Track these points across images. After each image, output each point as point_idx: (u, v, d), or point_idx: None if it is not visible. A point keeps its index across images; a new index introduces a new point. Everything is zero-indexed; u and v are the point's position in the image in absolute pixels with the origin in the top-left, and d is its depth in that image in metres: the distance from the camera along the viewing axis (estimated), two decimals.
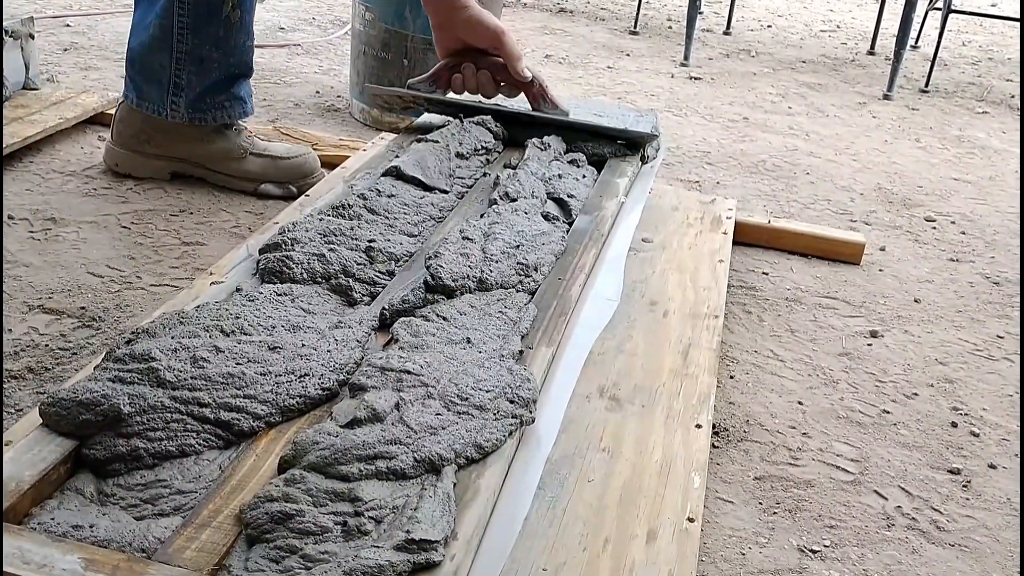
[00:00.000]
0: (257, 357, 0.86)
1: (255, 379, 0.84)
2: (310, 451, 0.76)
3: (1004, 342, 1.52)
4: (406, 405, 0.83)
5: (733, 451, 1.17)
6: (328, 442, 0.77)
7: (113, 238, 1.49)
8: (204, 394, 0.81)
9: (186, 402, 0.80)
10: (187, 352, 0.84)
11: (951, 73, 3.46)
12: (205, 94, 1.67)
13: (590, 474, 0.98)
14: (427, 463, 0.77)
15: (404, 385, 0.86)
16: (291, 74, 2.52)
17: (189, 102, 1.66)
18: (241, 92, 1.71)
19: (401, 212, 1.22)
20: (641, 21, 3.69)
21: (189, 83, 1.65)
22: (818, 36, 3.93)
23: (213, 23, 1.62)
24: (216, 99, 1.68)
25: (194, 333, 0.88)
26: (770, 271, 1.67)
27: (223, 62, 1.66)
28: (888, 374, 1.39)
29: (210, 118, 1.68)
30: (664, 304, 1.35)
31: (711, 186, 2.07)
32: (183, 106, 1.67)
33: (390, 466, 0.76)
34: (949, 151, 2.54)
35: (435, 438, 0.79)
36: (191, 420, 0.79)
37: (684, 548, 0.89)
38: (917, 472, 1.17)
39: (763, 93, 2.94)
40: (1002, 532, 1.09)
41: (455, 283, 1.04)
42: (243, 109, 1.72)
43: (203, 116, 1.68)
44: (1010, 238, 1.96)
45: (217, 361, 0.84)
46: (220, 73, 1.67)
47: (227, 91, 1.69)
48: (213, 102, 1.68)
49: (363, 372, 0.88)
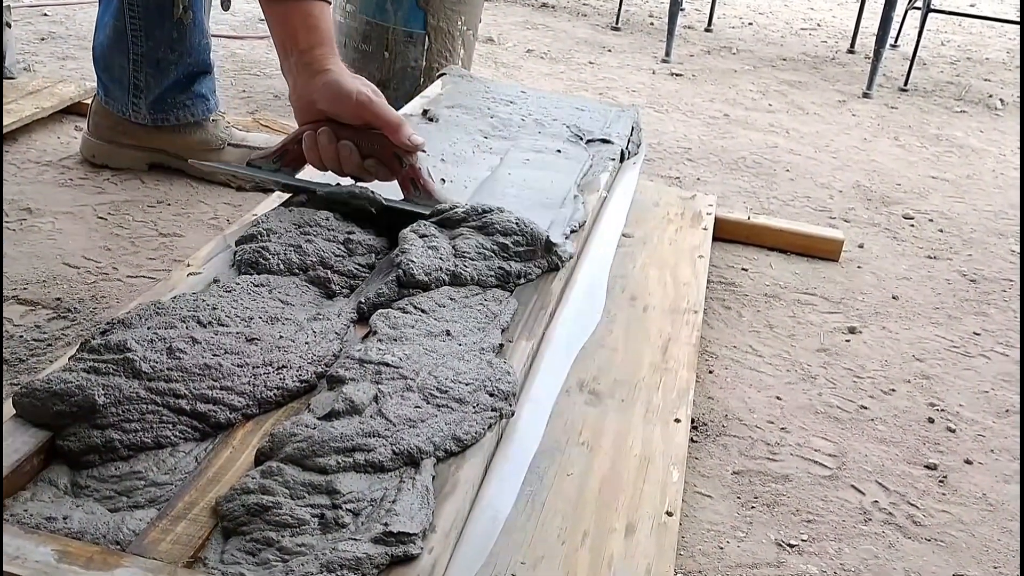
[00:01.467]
0: (234, 348, 0.85)
1: (232, 371, 0.83)
2: (287, 443, 0.76)
3: (980, 339, 1.53)
4: (385, 397, 0.82)
5: (712, 446, 1.17)
6: (306, 434, 0.76)
7: (89, 229, 1.48)
8: (180, 385, 0.80)
9: (162, 393, 0.79)
10: (163, 343, 0.83)
11: (930, 72, 3.48)
12: (166, 95, 1.65)
13: (569, 468, 0.98)
14: (405, 456, 0.76)
15: (383, 378, 0.85)
16: (271, 66, 2.50)
17: (150, 103, 1.65)
18: (203, 89, 1.69)
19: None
20: (623, 17, 3.69)
21: (148, 85, 1.64)
22: (798, 34, 3.95)
23: (165, 26, 1.61)
24: (178, 99, 1.66)
25: (170, 324, 0.87)
26: (749, 267, 1.67)
27: (180, 63, 1.64)
28: (866, 370, 1.39)
29: (173, 118, 1.67)
30: (644, 299, 1.35)
31: (691, 182, 2.08)
32: (144, 108, 1.66)
33: (368, 458, 0.75)
34: (927, 149, 2.55)
35: (414, 431, 0.79)
36: (167, 411, 0.78)
37: (662, 542, 0.89)
38: (894, 467, 1.18)
39: (744, 90, 2.94)
40: (978, 527, 1.10)
41: (428, 277, 1.03)
42: (206, 106, 1.70)
43: (165, 116, 1.67)
44: (987, 236, 1.98)
45: (194, 352, 0.83)
46: (179, 73, 1.65)
47: (188, 90, 1.67)
48: (175, 102, 1.66)
49: (341, 364, 0.87)
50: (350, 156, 1.13)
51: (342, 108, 1.13)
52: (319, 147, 1.14)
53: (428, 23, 2.07)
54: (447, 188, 1.29)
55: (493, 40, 3.14)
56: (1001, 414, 1.33)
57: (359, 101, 1.12)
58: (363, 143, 1.13)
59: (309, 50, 1.17)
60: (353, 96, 1.12)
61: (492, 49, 3.03)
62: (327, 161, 1.14)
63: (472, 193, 1.30)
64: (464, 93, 1.70)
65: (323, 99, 1.14)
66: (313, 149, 1.14)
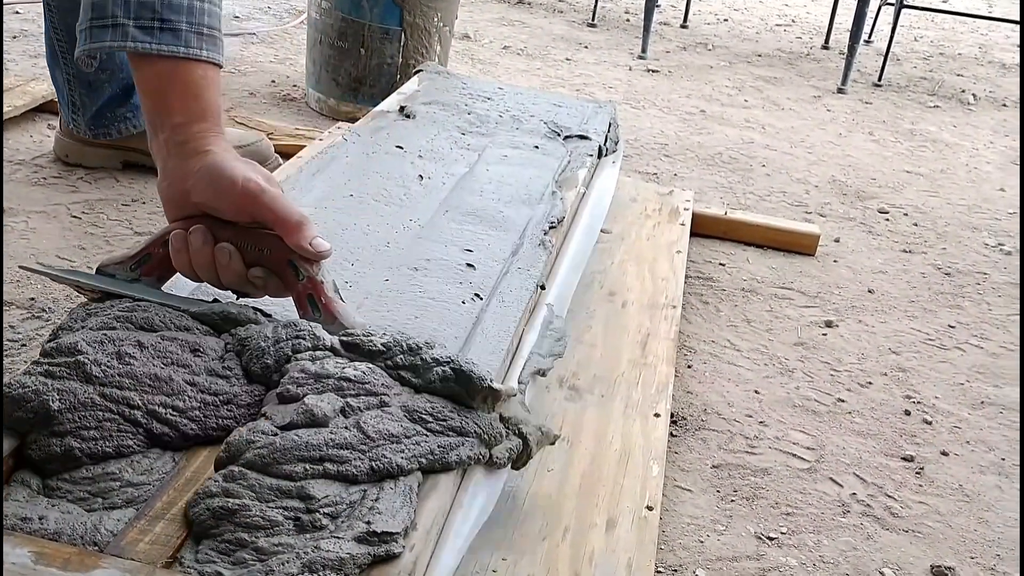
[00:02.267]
0: (181, 360, 0.81)
1: (182, 387, 0.79)
2: (246, 450, 0.73)
3: (955, 331, 1.55)
4: (355, 412, 0.77)
5: (691, 440, 1.17)
6: (265, 441, 0.73)
7: (63, 228, 1.46)
8: (134, 395, 0.76)
9: (116, 401, 0.75)
10: (113, 345, 0.80)
11: (903, 68, 3.51)
12: (103, 110, 1.64)
13: (549, 463, 0.98)
14: (384, 473, 0.73)
15: (347, 393, 0.79)
16: (246, 63, 2.48)
17: (88, 121, 1.64)
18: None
19: None
20: (599, 13, 3.69)
21: (83, 103, 1.63)
22: (773, 30, 3.97)
23: None
24: (116, 113, 1.65)
25: (110, 325, 0.83)
26: (727, 262, 1.68)
27: (113, 80, 1.62)
28: (843, 363, 1.40)
29: (114, 131, 1.66)
30: (623, 295, 1.35)
31: (669, 178, 2.08)
32: (83, 124, 1.65)
33: (341, 470, 0.72)
34: (902, 144, 2.57)
35: (397, 446, 0.75)
36: (123, 421, 0.75)
37: (643, 536, 0.89)
38: (871, 459, 1.19)
39: (720, 86, 2.95)
40: (954, 518, 1.11)
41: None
42: None
43: (106, 131, 1.66)
44: (960, 230, 1.99)
45: (143, 358, 0.79)
46: (112, 89, 1.63)
47: (126, 103, 1.65)
48: (113, 116, 1.65)
49: (292, 380, 0.80)
50: (230, 263, 0.86)
51: (223, 201, 0.86)
52: (191, 250, 0.86)
53: (404, 19, 2.06)
54: (425, 186, 1.28)
55: (470, 37, 3.13)
56: (976, 406, 1.34)
57: (245, 190, 0.85)
58: (249, 246, 0.87)
59: (185, 125, 0.89)
60: (239, 184, 0.85)
61: (469, 46, 3.03)
62: (199, 269, 0.87)
63: (450, 190, 1.29)
64: (441, 90, 1.70)
65: (199, 189, 0.87)
66: (183, 252, 0.87)
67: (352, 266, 1.06)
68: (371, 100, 1.97)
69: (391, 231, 1.15)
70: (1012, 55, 3.93)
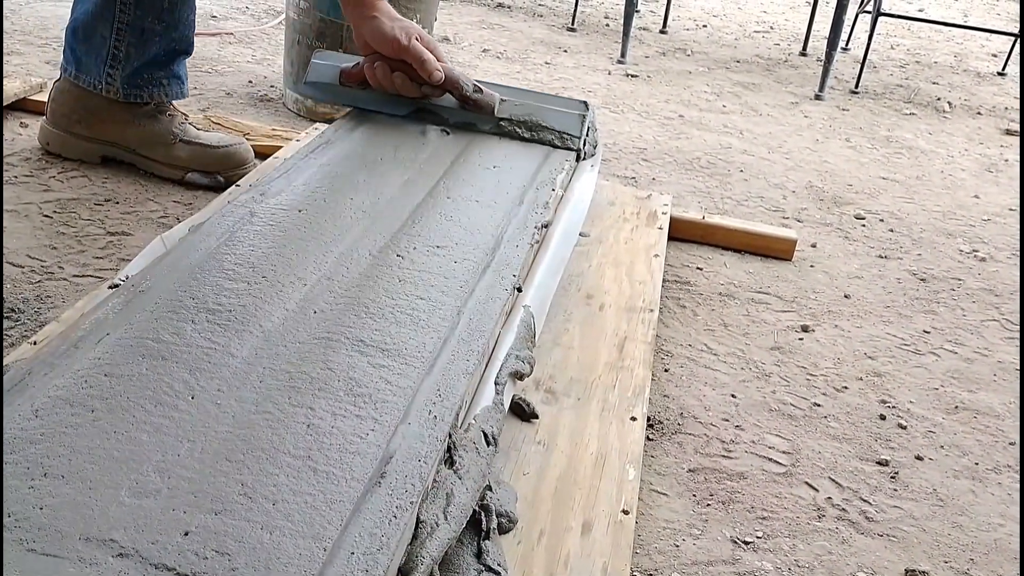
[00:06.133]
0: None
1: None
2: None
3: (930, 337, 1.55)
4: None
5: (667, 444, 1.17)
6: None
7: (34, 227, 1.44)
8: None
9: None
10: None
11: (880, 75, 3.53)
12: (143, 69, 1.63)
13: (525, 467, 0.97)
14: None
15: None
16: (223, 63, 2.47)
17: (126, 76, 1.62)
18: (180, 71, 1.68)
19: None
20: (579, 18, 3.70)
21: (128, 56, 1.61)
22: (752, 37, 3.99)
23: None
24: (155, 75, 1.64)
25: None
26: (704, 266, 1.68)
27: (165, 36, 1.62)
28: (819, 368, 1.40)
29: (146, 95, 1.64)
30: (600, 298, 1.35)
31: (647, 182, 2.08)
32: (119, 79, 1.63)
33: None
34: (878, 151, 2.59)
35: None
36: None
37: (618, 540, 0.89)
38: (847, 464, 1.19)
39: (698, 91, 2.96)
40: (928, 522, 1.11)
41: None
42: (180, 89, 1.68)
43: (139, 92, 1.64)
44: (936, 236, 2.01)
45: None
46: (161, 47, 1.62)
47: (166, 68, 1.65)
48: (151, 78, 1.64)
49: None
50: (405, 83, 1.49)
51: (385, 48, 1.47)
52: (377, 74, 1.49)
53: None
54: (403, 188, 1.28)
55: (449, 39, 3.13)
56: (951, 411, 1.35)
57: (394, 43, 1.45)
58: (409, 72, 1.49)
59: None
60: (390, 38, 1.45)
61: (448, 48, 3.02)
62: (383, 80, 1.49)
63: (432, 186, 1.29)
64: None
65: (372, 38, 1.47)
66: (372, 74, 1.50)
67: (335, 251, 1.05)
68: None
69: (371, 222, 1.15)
70: (987, 64, 3.97)
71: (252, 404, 0.81)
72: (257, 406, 0.81)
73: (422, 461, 0.77)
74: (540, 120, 1.54)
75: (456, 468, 0.80)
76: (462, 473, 0.80)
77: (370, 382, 0.86)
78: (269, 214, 1.15)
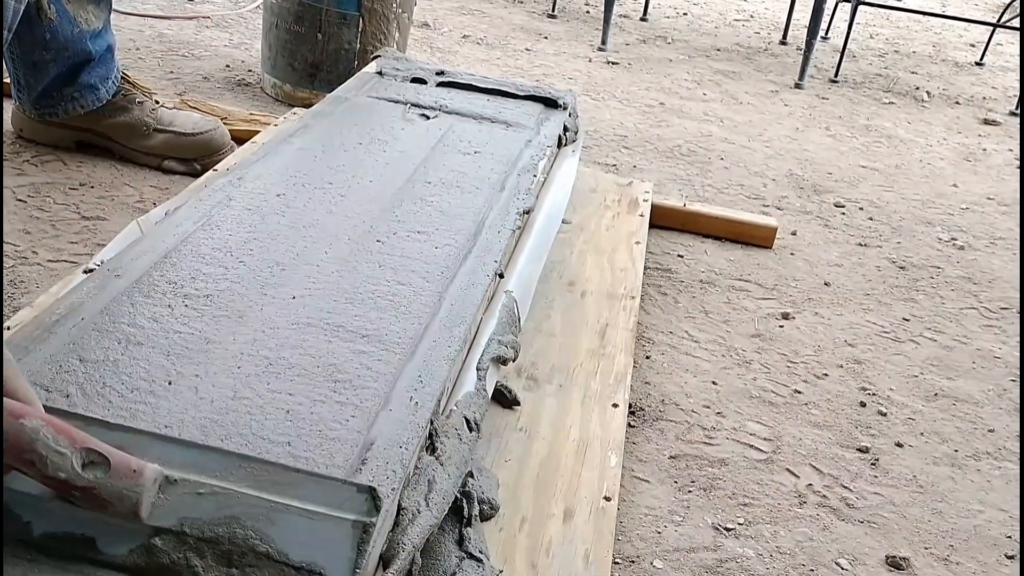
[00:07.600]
0: None
1: None
2: None
3: (910, 324, 1.56)
4: None
5: (649, 430, 1.17)
6: None
7: (8, 212, 1.42)
8: None
9: None
10: None
11: (859, 64, 3.54)
12: (49, 90, 1.60)
13: (507, 454, 0.97)
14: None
15: None
16: (200, 47, 2.44)
17: (33, 100, 1.61)
18: (90, 79, 1.62)
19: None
20: (559, 5, 3.68)
21: (29, 84, 1.60)
22: (732, 25, 3.98)
23: (34, 29, 1.54)
24: (63, 92, 1.61)
25: None
26: (685, 254, 1.68)
27: (57, 60, 1.58)
28: (799, 355, 1.41)
29: (60, 111, 1.62)
30: (582, 285, 1.34)
31: (628, 169, 2.08)
32: (28, 104, 1.61)
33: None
34: (857, 139, 2.59)
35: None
36: None
37: (600, 526, 0.89)
38: (827, 450, 1.19)
39: (679, 79, 2.96)
40: (909, 508, 1.11)
41: None
42: (95, 96, 1.63)
43: (52, 111, 1.62)
44: (914, 224, 2.01)
45: None
46: (57, 69, 1.59)
47: (73, 83, 1.61)
48: (60, 96, 1.61)
49: None
50: None
51: None
52: None
53: (362, 4, 2.03)
54: (382, 174, 1.26)
55: (429, 25, 3.11)
56: (930, 398, 1.35)
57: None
58: None
59: None
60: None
61: (428, 34, 3.00)
62: None
63: (412, 172, 1.28)
64: (402, 72, 1.67)
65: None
66: None
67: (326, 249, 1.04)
68: (328, 86, 1.93)
69: (355, 209, 1.13)
70: (965, 54, 3.98)
71: (230, 390, 0.80)
72: (235, 392, 0.79)
73: (403, 448, 0.76)
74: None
75: (438, 455, 0.80)
76: (444, 460, 0.79)
77: (350, 368, 0.85)
78: (247, 199, 1.14)
